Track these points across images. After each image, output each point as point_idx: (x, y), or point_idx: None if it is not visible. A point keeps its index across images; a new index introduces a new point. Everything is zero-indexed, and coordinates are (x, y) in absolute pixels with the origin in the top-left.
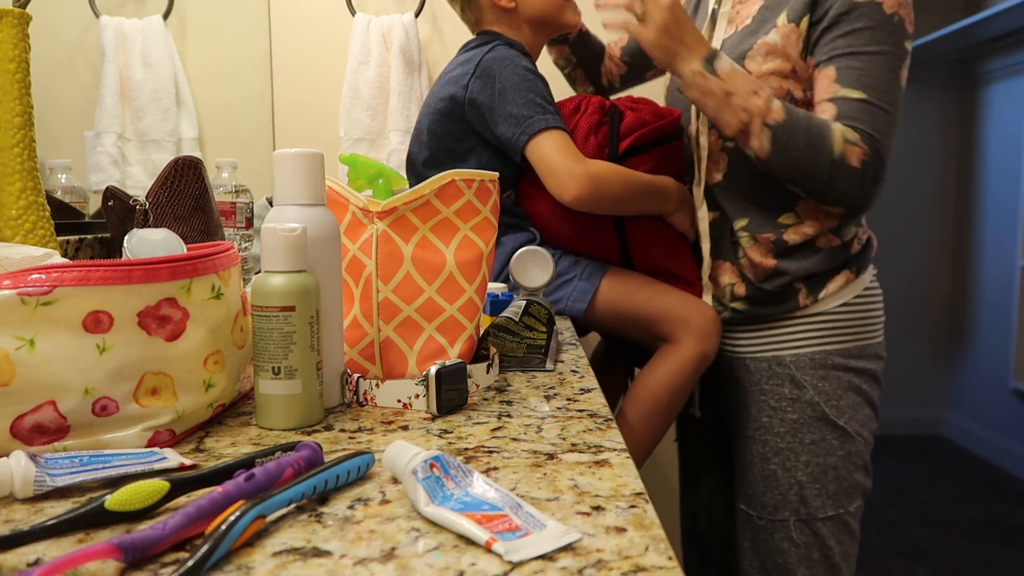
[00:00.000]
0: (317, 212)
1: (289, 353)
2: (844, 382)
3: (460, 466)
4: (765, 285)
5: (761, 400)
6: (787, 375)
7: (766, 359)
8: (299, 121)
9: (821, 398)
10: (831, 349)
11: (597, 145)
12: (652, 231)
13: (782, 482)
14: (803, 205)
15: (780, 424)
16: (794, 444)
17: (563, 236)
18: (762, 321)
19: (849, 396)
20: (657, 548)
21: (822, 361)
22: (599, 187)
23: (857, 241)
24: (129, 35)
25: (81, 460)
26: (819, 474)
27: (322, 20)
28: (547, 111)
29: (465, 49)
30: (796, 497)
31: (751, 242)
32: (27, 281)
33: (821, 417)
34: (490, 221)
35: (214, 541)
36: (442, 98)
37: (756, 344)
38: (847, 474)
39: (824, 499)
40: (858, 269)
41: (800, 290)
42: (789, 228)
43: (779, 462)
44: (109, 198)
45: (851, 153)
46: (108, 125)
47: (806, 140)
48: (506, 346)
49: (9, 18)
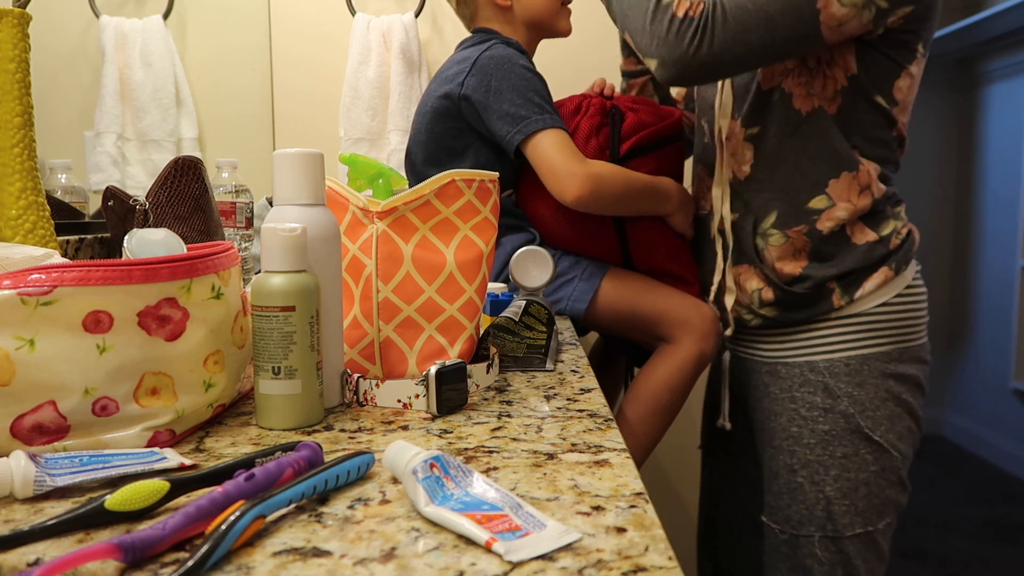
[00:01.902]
0: (317, 212)
1: (289, 353)
2: (883, 390)
3: (460, 466)
4: (795, 288)
5: (791, 409)
6: (820, 383)
7: (798, 364)
8: (299, 121)
9: (856, 408)
10: (869, 353)
11: (598, 147)
12: (652, 232)
13: (809, 496)
14: (834, 184)
15: (810, 435)
16: (824, 457)
17: (564, 237)
18: (794, 325)
19: (887, 406)
20: (657, 548)
21: (858, 367)
22: (600, 187)
23: (896, 235)
24: (129, 35)
25: (81, 460)
26: (849, 490)
27: (322, 19)
28: (546, 110)
29: (462, 47)
30: (823, 513)
31: (782, 239)
32: (27, 281)
33: (855, 429)
34: (490, 221)
35: (214, 541)
36: (438, 96)
37: (788, 348)
38: (879, 490)
39: (853, 516)
40: (897, 265)
41: (834, 290)
42: (822, 214)
43: (807, 475)
44: (109, 198)
45: (679, 3)
46: (108, 125)
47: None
48: (506, 346)
49: (9, 18)
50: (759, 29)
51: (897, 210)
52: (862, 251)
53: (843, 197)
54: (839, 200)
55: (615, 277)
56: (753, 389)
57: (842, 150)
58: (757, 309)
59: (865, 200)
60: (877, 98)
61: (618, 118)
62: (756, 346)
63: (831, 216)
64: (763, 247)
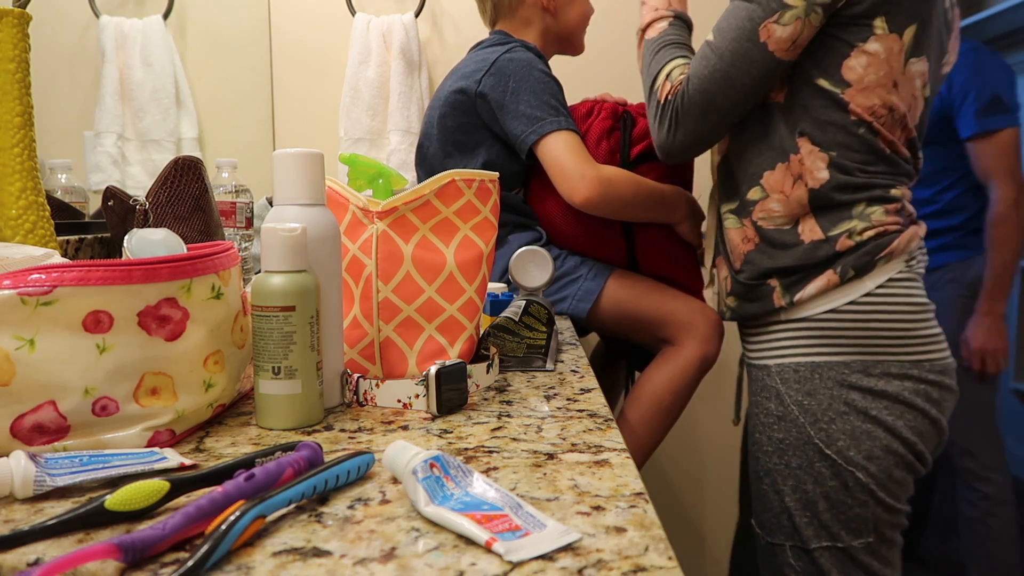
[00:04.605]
0: (317, 212)
1: (289, 353)
2: (840, 402)
3: (460, 466)
4: (740, 277)
5: (754, 413)
6: (773, 388)
7: (757, 367)
8: (299, 121)
9: (807, 419)
10: (821, 361)
11: (608, 150)
12: (660, 237)
13: (774, 504)
14: (768, 176)
15: (768, 442)
16: (780, 466)
17: (571, 237)
18: (751, 323)
19: (846, 420)
20: (657, 548)
21: (808, 374)
22: (609, 191)
23: (850, 236)
24: (129, 35)
25: (81, 460)
26: (808, 502)
27: (322, 20)
28: (561, 113)
29: (479, 48)
30: (788, 522)
31: (738, 224)
32: (27, 281)
33: (807, 441)
34: (490, 221)
35: (214, 541)
36: (453, 91)
37: (751, 349)
38: (844, 508)
39: (817, 528)
40: (844, 270)
41: (775, 288)
42: (756, 205)
43: (769, 483)
44: (109, 198)
45: (662, 89)
46: (108, 125)
47: (649, 64)
48: (506, 346)
49: (9, 18)
50: (721, 91)
51: (868, 210)
52: (804, 249)
53: (776, 188)
54: (772, 191)
55: (620, 278)
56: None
57: (783, 139)
58: (725, 299)
59: (799, 190)
60: (819, 81)
61: (629, 123)
62: (744, 343)
63: (764, 208)
64: (726, 233)
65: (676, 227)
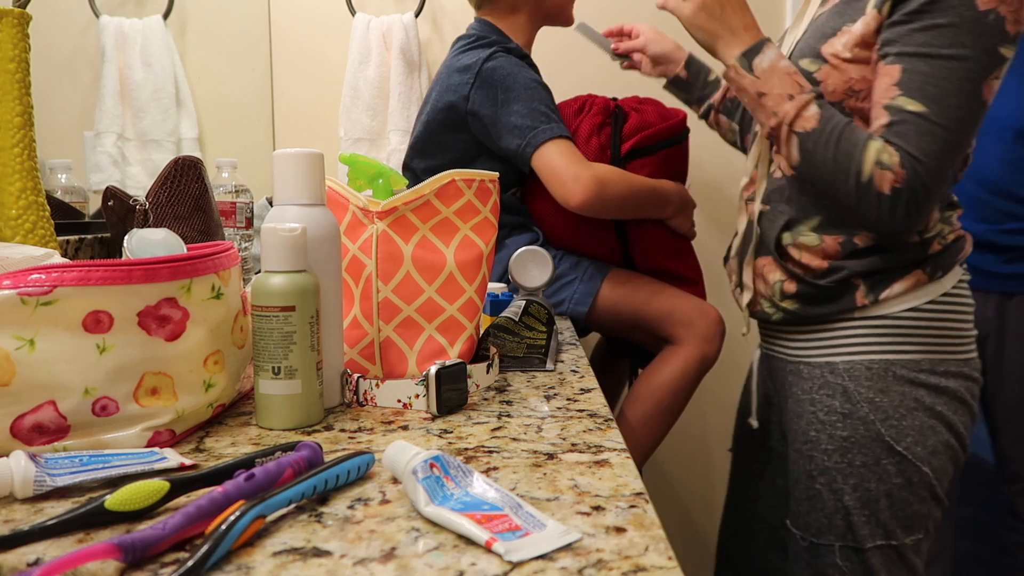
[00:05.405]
0: (317, 212)
1: (289, 353)
2: (910, 399)
3: (460, 466)
4: (820, 281)
5: (811, 412)
6: (839, 386)
7: (819, 365)
8: (299, 121)
9: (877, 416)
10: (895, 359)
11: (599, 146)
12: (653, 232)
13: (828, 504)
14: None
15: (828, 441)
16: (842, 464)
17: (564, 236)
18: (816, 322)
19: (916, 417)
20: (657, 548)
21: (881, 372)
22: (604, 189)
23: (939, 240)
24: (129, 35)
25: (81, 460)
26: (869, 500)
27: (322, 20)
28: (551, 120)
29: (460, 49)
30: (843, 522)
31: (816, 242)
32: (27, 281)
33: (875, 438)
34: (490, 221)
35: (214, 541)
36: (440, 108)
37: (809, 347)
38: (904, 504)
39: (873, 527)
40: (933, 271)
41: (858, 287)
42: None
43: (825, 482)
44: (109, 198)
45: (882, 178)
46: (108, 125)
47: (833, 155)
48: (506, 346)
49: (9, 18)
50: (953, 158)
51: (948, 214)
52: (895, 250)
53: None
54: None
55: (615, 278)
56: (779, 389)
57: None
58: (778, 302)
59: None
60: None
61: (620, 118)
62: (781, 343)
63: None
64: (788, 244)
65: (668, 221)
